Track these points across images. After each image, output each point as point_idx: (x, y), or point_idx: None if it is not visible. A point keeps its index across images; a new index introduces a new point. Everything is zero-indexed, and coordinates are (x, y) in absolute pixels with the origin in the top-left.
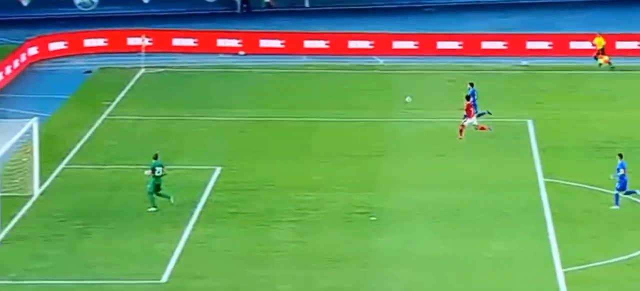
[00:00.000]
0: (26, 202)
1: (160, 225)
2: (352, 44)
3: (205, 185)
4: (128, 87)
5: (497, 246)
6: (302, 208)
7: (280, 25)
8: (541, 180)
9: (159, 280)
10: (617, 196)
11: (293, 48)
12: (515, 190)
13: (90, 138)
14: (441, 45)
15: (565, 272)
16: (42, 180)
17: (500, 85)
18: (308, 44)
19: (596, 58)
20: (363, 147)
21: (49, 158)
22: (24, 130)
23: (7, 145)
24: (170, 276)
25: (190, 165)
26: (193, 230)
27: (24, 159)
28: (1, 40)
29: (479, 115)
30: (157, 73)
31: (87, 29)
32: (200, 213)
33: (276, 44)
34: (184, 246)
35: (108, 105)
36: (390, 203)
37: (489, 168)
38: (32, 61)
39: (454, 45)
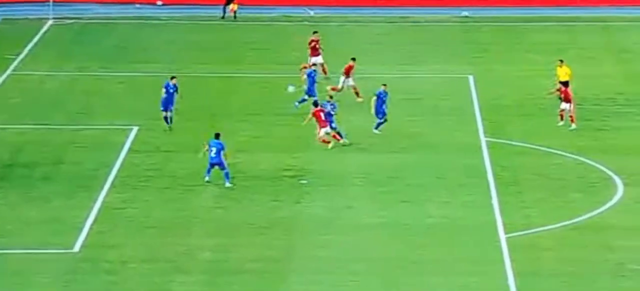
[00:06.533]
0: None
1: (71, 190)
2: None
3: (121, 146)
4: (34, 40)
5: (437, 211)
6: None
7: None
8: (483, 140)
9: (71, 249)
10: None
11: None
12: (456, 151)
13: None
14: None
15: (507, 238)
16: None
17: (438, 38)
18: None
19: (224, 8)
20: (293, 105)
21: None
22: None
23: None
24: (83, 246)
25: (104, 125)
26: (107, 195)
27: None
28: None
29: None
30: (66, 25)
31: None
32: (115, 177)
33: None
34: (97, 213)
35: (12, 60)
36: (322, 166)
37: (428, 128)
38: None
39: None
